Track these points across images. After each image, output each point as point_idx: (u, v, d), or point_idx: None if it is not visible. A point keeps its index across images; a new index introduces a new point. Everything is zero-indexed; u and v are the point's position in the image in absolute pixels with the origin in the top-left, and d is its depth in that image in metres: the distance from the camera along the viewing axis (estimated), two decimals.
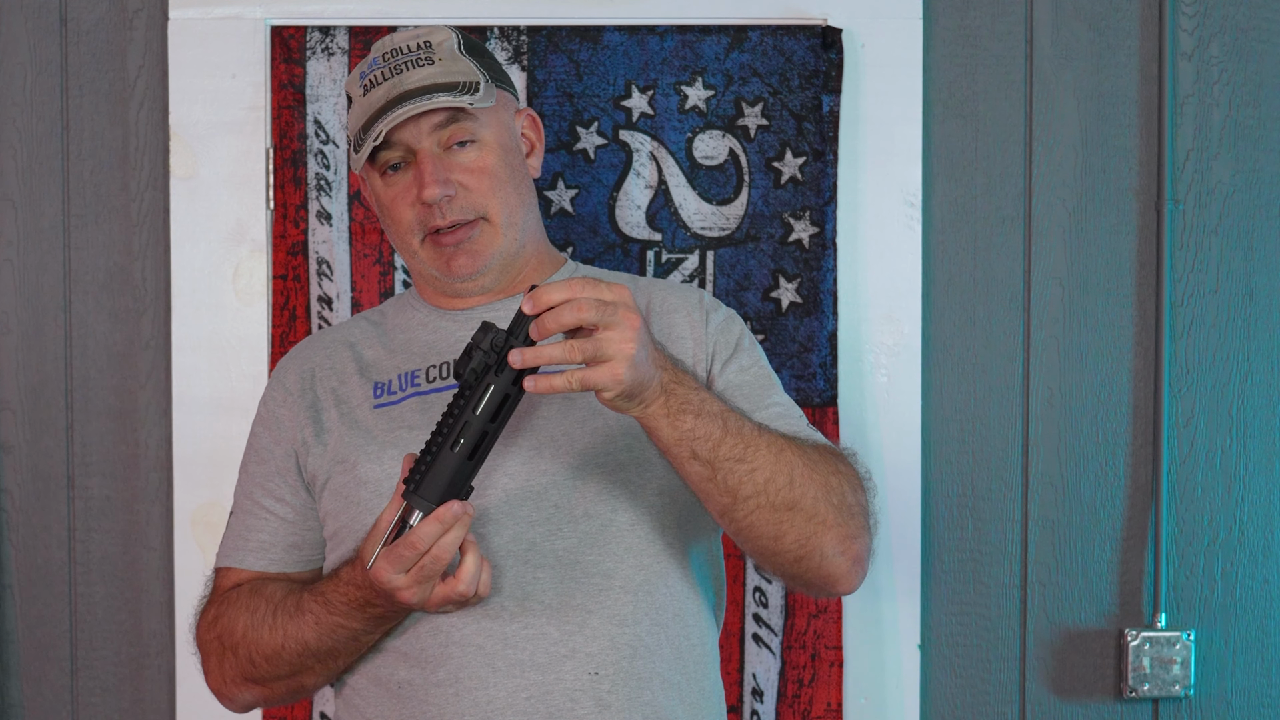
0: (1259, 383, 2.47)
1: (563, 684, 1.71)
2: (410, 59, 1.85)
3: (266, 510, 1.87)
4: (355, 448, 1.81)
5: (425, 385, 1.83)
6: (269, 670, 1.79)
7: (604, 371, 1.54)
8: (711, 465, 1.66)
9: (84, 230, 2.45)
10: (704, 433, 1.64)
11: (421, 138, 1.82)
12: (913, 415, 2.43)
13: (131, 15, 2.43)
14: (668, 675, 1.76)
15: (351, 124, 1.89)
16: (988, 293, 2.46)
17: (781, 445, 1.70)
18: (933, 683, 2.46)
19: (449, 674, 1.72)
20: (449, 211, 1.82)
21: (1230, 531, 2.46)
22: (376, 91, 1.85)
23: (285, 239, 2.42)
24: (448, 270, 1.85)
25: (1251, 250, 2.46)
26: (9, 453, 2.45)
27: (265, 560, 1.87)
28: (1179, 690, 2.43)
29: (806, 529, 1.70)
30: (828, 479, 1.72)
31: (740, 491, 1.67)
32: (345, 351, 1.91)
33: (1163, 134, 2.44)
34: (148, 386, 2.45)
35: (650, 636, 1.75)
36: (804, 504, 1.69)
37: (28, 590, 2.46)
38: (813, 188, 2.41)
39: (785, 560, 1.73)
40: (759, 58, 2.41)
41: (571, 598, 1.73)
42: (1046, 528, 2.46)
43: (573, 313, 1.54)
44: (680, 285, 1.96)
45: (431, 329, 1.89)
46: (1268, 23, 2.45)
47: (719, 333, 1.88)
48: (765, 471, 1.67)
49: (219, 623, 1.82)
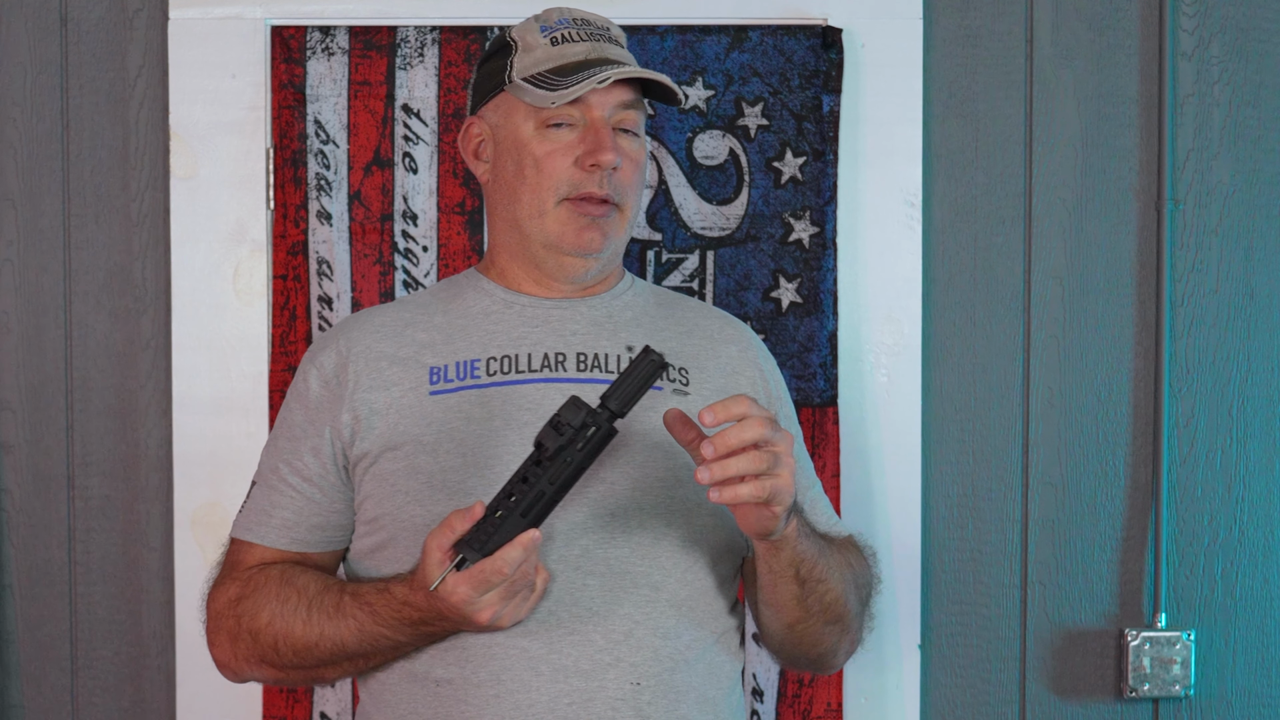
0: (1259, 383, 2.47)
1: (605, 692, 1.71)
2: (603, 35, 1.85)
3: (292, 488, 1.84)
4: (409, 435, 1.78)
5: (485, 378, 1.80)
6: (294, 660, 1.78)
7: (780, 481, 1.58)
8: (805, 585, 1.73)
9: (84, 230, 2.45)
10: (810, 554, 1.71)
11: (605, 107, 1.81)
12: (913, 415, 2.43)
13: (131, 15, 2.43)
14: (703, 690, 1.76)
15: (526, 65, 1.82)
16: (988, 293, 2.46)
17: (842, 564, 1.79)
18: (933, 683, 2.46)
19: (491, 674, 1.71)
20: (606, 184, 1.80)
21: (1230, 531, 2.47)
22: (574, 46, 1.82)
23: (285, 239, 2.42)
24: (576, 239, 1.82)
25: (1251, 250, 2.47)
26: (9, 453, 2.45)
27: (287, 538, 1.84)
28: (1179, 690, 2.43)
29: (836, 638, 1.82)
30: (861, 591, 1.83)
31: (812, 609, 1.75)
32: (397, 332, 1.87)
33: (1163, 134, 2.44)
34: (148, 386, 2.45)
35: (690, 651, 1.76)
36: (846, 618, 1.80)
37: (28, 590, 2.46)
38: (813, 188, 2.41)
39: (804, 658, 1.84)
40: (759, 58, 2.41)
41: (619, 607, 1.73)
42: (1046, 528, 2.46)
43: (754, 429, 1.56)
44: (729, 316, 1.96)
45: (495, 319, 1.86)
46: (1268, 23, 2.45)
47: (776, 385, 1.92)
48: (835, 592, 1.76)
49: (242, 604, 1.80)
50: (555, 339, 1.83)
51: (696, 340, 1.89)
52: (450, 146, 2.41)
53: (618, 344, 1.83)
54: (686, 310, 1.94)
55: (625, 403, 1.62)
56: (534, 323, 1.84)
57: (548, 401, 1.76)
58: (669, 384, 1.82)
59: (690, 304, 1.97)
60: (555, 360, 1.81)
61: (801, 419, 2.39)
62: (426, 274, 2.42)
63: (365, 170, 2.42)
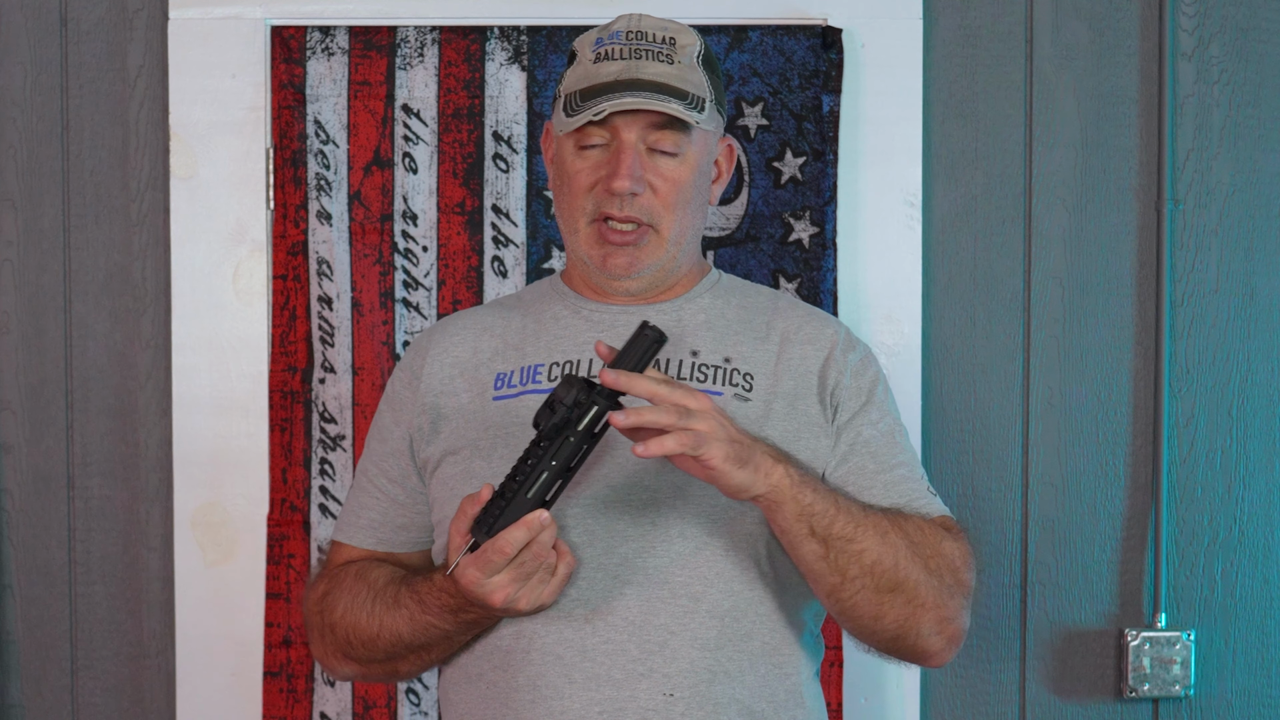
0: (1259, 383, 2.47)
1: (636, 702, 1.70)
2: (652, 49, 1.82)
3: (379, 489, 1.89)
4: (467, 440, 1.81)
5: (546, 383, 1.81)
6: (365, 653, 1.82)
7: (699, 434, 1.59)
8: (826, 543, 1.69)
9: (84, 230, 2.45)
10: (821, 508, 1.68)
11: (633, 129, 1.79)
12: (913, 415, 2.43)
13: (131, 15, 2.43)
14: (750, 703, 1.75)
15: (570, 82, 1.83)
16: (988, 293, 2.46)
17: (886, 527, 1.73)
18: (933, 683, 2.46)
19: (528, 679, 1.73)
20: (628, 206, 1.79)
21: (1230, 531, 2.47)
22: (610, 65, 1.81)
23: (285, 239, 2.42)
24: (602, 264, 1.83)
25: (1251, 250, 2.47)
26: (9, 453, 2.45)
27: (374, 539, 1.89)
28: (1179, 690, 2.43)
29: (906, 610, 1.73)
30: (930, 560, 1.75)
31: (848, 572, 1.70)
32: (478, 337, 1.89)
33: (1163, 134, 2.44)
34: (148, 386, 2.45)
35: (733, 663, 1.74)
36: (906, 586, 1.72)
37: (28, 590, 2.46)
38: (813, 188, 2.41)
39: (883, 638, 1.77)
40: (759, 58, 2.41)
41: (655, 617, 1.72)
42: (1046, 528, 2.46)
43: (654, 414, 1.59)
44: (820, 314, 1.93)
45: (564, 324, 1.87)
46: (1268, 23, 2.45)
47: (853, 377, 1.86)
48: (873, 553, 1.70)
49: (326, 599, 1.85)
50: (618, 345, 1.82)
51: (771, 344, 1.85)
52: (450, 146, 2.41)
53: (682, 349, 1.83)
54: (769, 313, 1.90)
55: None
56: (600, 328, 1.84)
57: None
58: (730, 389, 1.81)
59: (778, 304, 1.93)
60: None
61: None
62: (426, 274, 2.42)
63: (365, 170, 2.42)
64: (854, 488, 1.80)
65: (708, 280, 1.92)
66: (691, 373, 1.82)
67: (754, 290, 1.95)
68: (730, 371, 1.82)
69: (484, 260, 2.43)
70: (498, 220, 2.43)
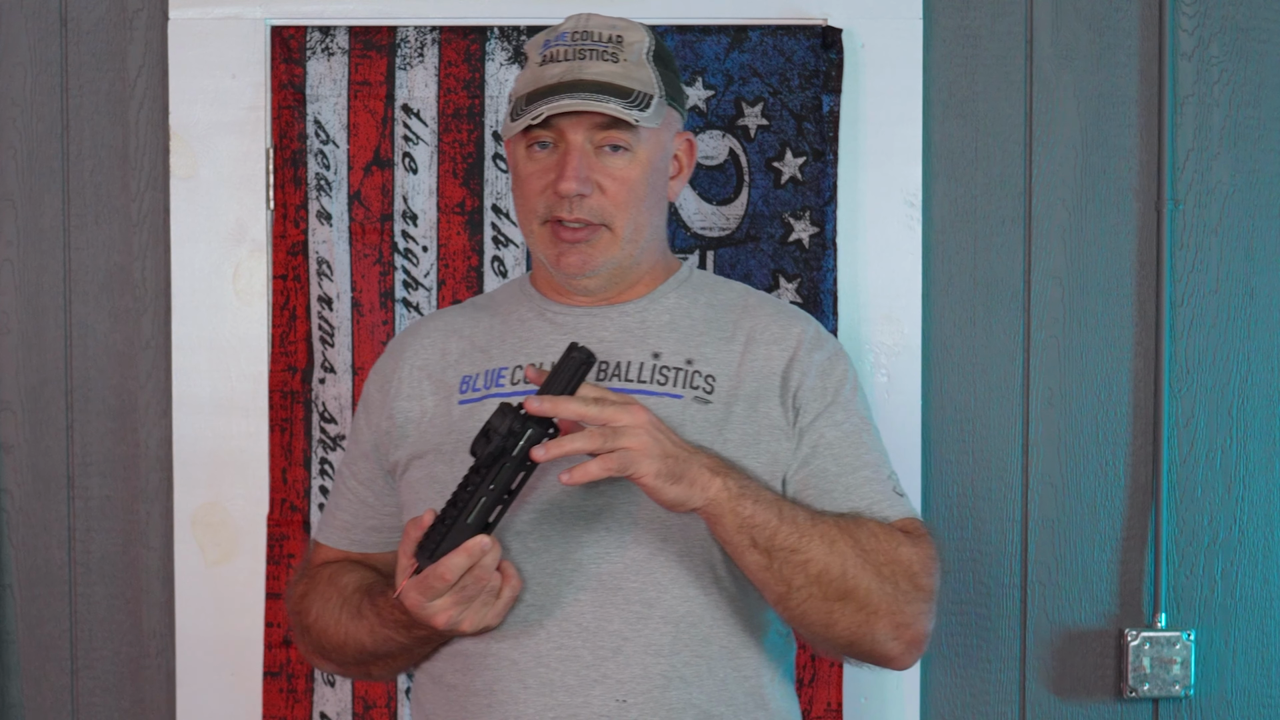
0: (1259, 383, 2.47)
1: (589, 708, 1.70)
2: (597, 49, 1.81)
3: (351, 491, 1.92)
4: (432, 444, 1.81)
5: (509, 387, 1.81)
6: (337, 656, 1.86)
7: (631, 453, 1.61)
8: (769, 554, 1.68)
9: (84, 230, 2.45)
10: (763, 519, 1.68)
11: (578, 130, 1.78)
12: (913, 415, 2.43)
13: (131, 15, 2.43)
14: (707, 708, 1.74)
15: (518, 86, 1.83)
16: (988, 293, 2.46)
17: (835, 535, 1.71)
18: (933, 683, 2.46)
19: (484, 684, 1.73)
20: (577, 209, 1.78)
21: (1230, 531, 2.46)
22: (554, 68, 1.80)
23: (285, 239, 2.42)
24: (556, 263, 1.82)
25: (1251, 250, 2.47)
26: (9, 453, 2.45)
27: (347, 540, 1.92)
28: (1179, 690, 2.43)
29: (858, 617, 1.73)
30: (883, 567, 1.73)
31: (794, 582, 1.70)
32: (446, 340, 1.89)
33: (1163, 134, 2.44)
34: (148, 386, 2.45)
35: (689, 668, 1.74)
36: (857, 594, 1.71)
37: (28, 590, 2.46)
38: (813, 188, 2.41)
39: (837, 644, 1.76)
40: (759, 58, 2.41)
41: (609, 623, 1.72)
42: (1046, 528, 2.46)
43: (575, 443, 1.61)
44: (790, 312, 1.90)
45: (529, 327, 1.86)
46: (1268, 23, 2.45)
47: (818, 376, 1.83)
48: (819, 563, 1.70)
49: (304, 600, 1.88)
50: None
51: (735, 345, 1.84)
52: (450, 146, 2.41)
53: (644, 351, 1.82)
54: (735, 310, 1.88)
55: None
56: (562, 330, 1.84)
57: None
58: (690, 391, 1.80)
59: (747, 302, 1.90)
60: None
61: None
62: (426, 274, 2.42)
63: (365, 170, 2.42)
64: (815, 491, 1.78)
65: (676, 278, 1.90)
66: (652, 375, 1.80)
67: (724, 287, 1.93)
68: (692, 374, 1.80)
69: (484, 260, 2.43)
70: (498, 220, 2.43)
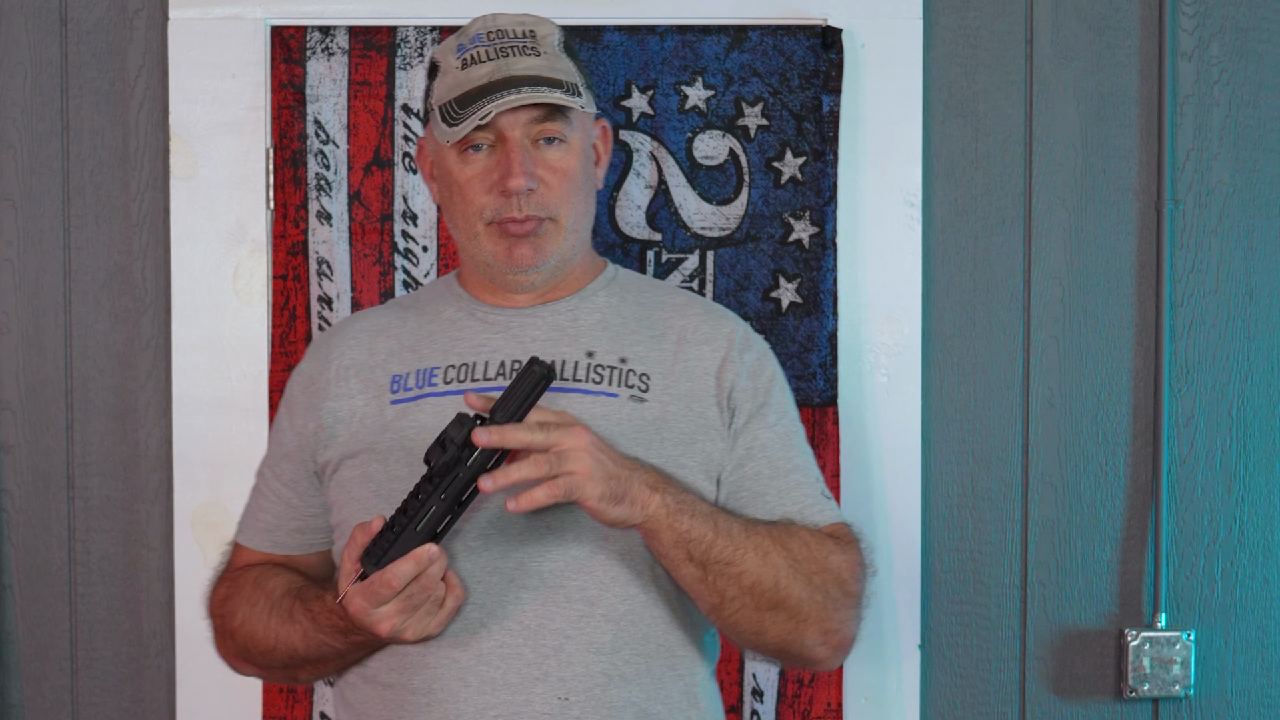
0: (1259, 383, 2.47)
1: (531, 706, 1.71)
2: (516, 45, 1.82)
3: (274, 492, 1.91)
4: (365, 444, 1.81)
5: (442, 386, 1.81)
6: (263, 660, 1.84)
7: (574, 478, 1.62)
8: (704, 567, 1.71)
9: (84, 230, 2.45)
10: (699, 534, 1.70)
11: (516, 126, 1.79)
12: (913, 415, 2.43)
13: (131, 15, 2.43)
14: (645, 705, 1.75)
15: (440, 93, 1.83)
16: (988, 293, 2.46)
17: (768, 547, 1.74)
18: (933, 683, 2.46)
19: (424, 683, 1.73)
20: (526, 205, 1.79)
21: (1230, 531, 2.47)
22: (479, 69, 1.81)
23: (285, 239, 2.42)
24: (508, 259, 1.82)
25: (1251, 250, 2.47)
26: (9, 453, 2.45)
27: (269, 542, 1.91)
28: (1179, 690, 2.43)
29: (788, 625, 1.76)
30: (814, 576, 1.76)
31: (727, 593, 1.73)
32: (373, 339, 1.89)
33: (1163, 134, 2.44)
34: (148, 386, 2.45)
35: (629, 666, 1.75)
36: (788, 604, 1.75)
37: (28, 590, 2.46)
38: (813, 188, 2.41)
39: (766, 650, 1.80)
40: (759, 58, 2.41)
41: (551, 621, 1.73)
42: (1046, 528, 2.46)
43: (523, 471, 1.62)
44: (719, 312, 1.93)
45: (459, 327, 1.87)
46: (1268, 23, 2.45)
47: (750, 378, 1.86)
48: (752, 575, 1.73)
49: (227, 603, 1.87)
50: (514, 346, 1.83)
51: (667, 343, 1.86)
52: None
53: (578, 350, 1.83)
54: (666, 310, 1.90)
55: (510, 416, 1.63)
56: (495, 330, 1.84)
57: None
58: (626, 390, 1.81)
59: (675, 301, 1.93)
60: (512, 369, 1.81)
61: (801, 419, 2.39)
62: (426, 274, 2.42)
63: (365, 170, 2.42)
64: (749, 494, 1.81)
65: (604, 277, 1.91)
66: (587, 374, 1.81)
67: (650, 286, 1.95)
68: (626, 372, 1.82)
69: None
70: None
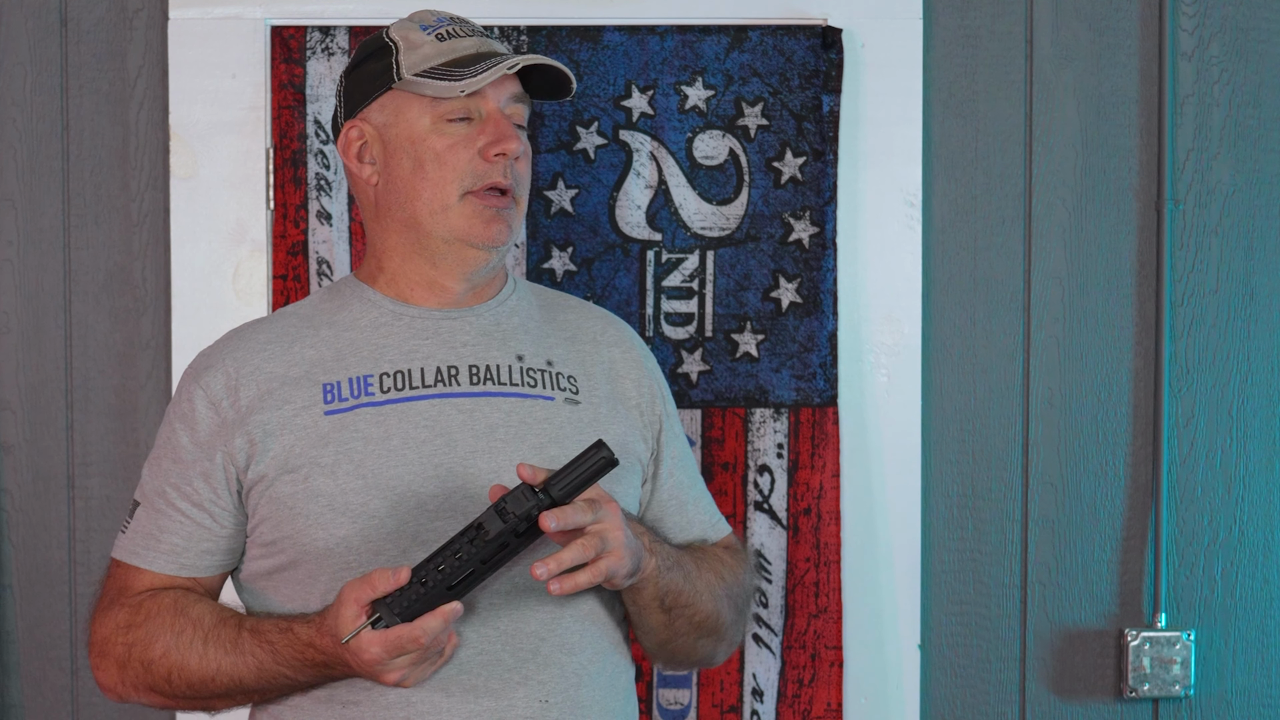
0: (1259, 383, 2.47)
1: (515, 711, 1.70)
2: (485, 31, 1.85)
3: (181, 513, 1.78)
4: (305, 457, 1.74)
5: (380, 395, 1.76)
6: (187, 691, 1.75)
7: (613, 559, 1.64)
8: (670, 612, 1.77)
9: (84, 230, 2.45)
10: (675, 585, 1.76)
11: (501, 98, 1.79)
12: (913, 415, 2.43)
13: (131, 15, 2.43)
14: (607, 703, 1.77)
15: (414, 63, 1.79)
16: (988, 293, 2.46)
17: (712, 581, 1.82)
18: (933, 683, 2.46)
19: (400, 696, 1.69)
20: (509, 174, 1.78)
21: (1230, 531, 2.46)
22: (462, 41, 1.80)
23: (285, 239, 2.42)
24: (485, 232, 1.78)
25: (1251, 250, 2.47)
26: (9, 453, 2.45)
27: (176, 564, 1.78)
28: (1179, 690, 2.43)
29: (712, 645, 1.86)
30: (737, 599, 1.86)
31: (680, 630, 1.80)
32: (284, 349, 1.81)
33: (1163, 134, 2.44)
34: (148, 386, 2.45)
35: (593, 665, 1.76)
36: (719, 629, 1.84)
37: (28, 590, 2.46)
38: (813, 188, 2.41)
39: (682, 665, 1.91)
40: (759, 58, 2.41)
41: (526, 624, 1.72)
42: (1046, 528, 2.46)
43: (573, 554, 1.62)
44: (607, 313, 1.95)
45: (385, 331, 1.81)
46: (1268, 23, 2.45)
47: (659, 384, 1.92)
48: (703, 612, 1.80)
49: (133, 631, 1.76)
50: (446, 351, 1.80)
51: (582, 345, 1.86)
52: None
53: (508, 354, 1.81)
54: (569, 313, 1.91)
55: (571, 493, 1.61)
56: (424, 335, 1.80)
57: (444, 418, 1.74)
58: (560, 393, 1.80)
59: (571, 304, 1.93)
60: (449, 374, 1.78)
61: (801, 419, 2.39)
62: None
63: None
64: (676, 502, 1.89)
65: (510, 283, 1.90)
66: (522, 377, 1.79)
67: (545, 291, 1.96)
68: (555, 375, 1.82)
69: None
70: None
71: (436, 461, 1.73)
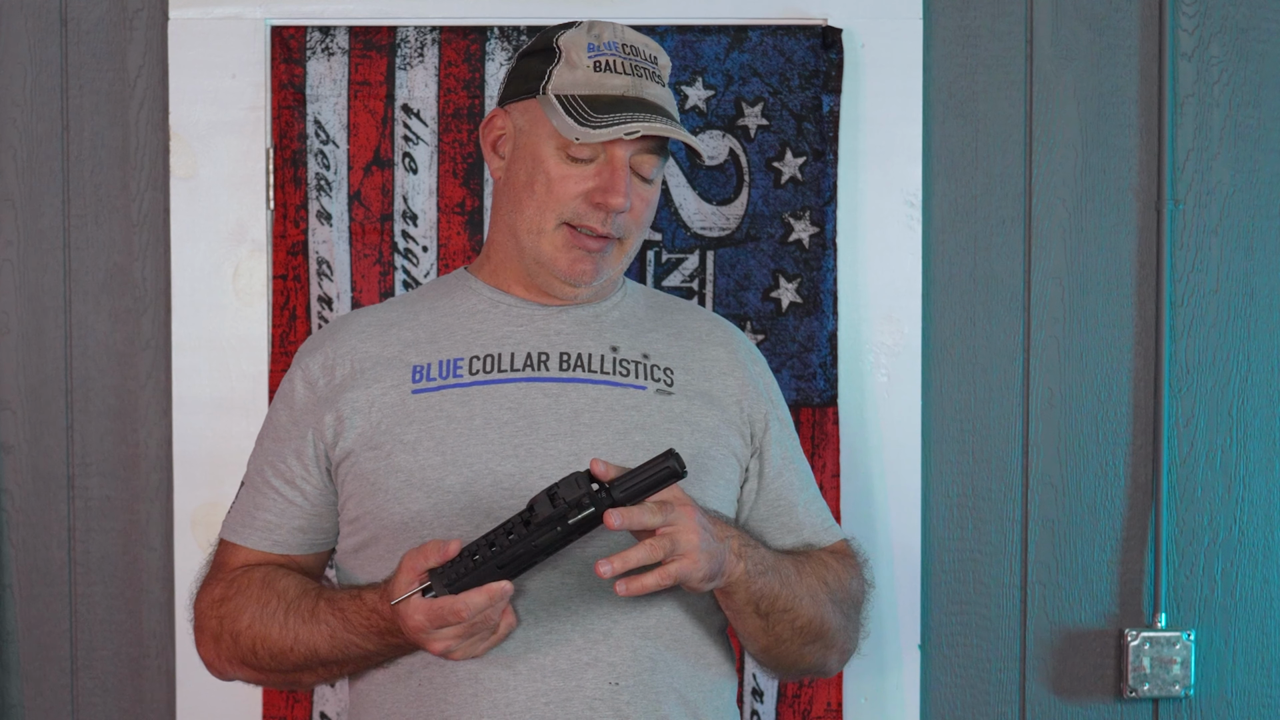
0: (1259, 383, 2.47)
1: (583, 692, 1.71)
2: (647, 68, 1.83)
3: (275, 490, 1.85)
4: (390, 434, 1.78)
5: (467, 377, 1.80)
6: (271, 664, 1.80)
7: (685, 563, 1.63)
8: (767, 618, 1.77)
9: (84, 230, 2.45)
10: (770, 590, 1.75)
11: (630, 147, 1.79)
12: (913, 415, 2.44)
13: (131, 15, 2.43)
14: (684, 691, 1.77)
15: (564, 83, 1.80)
16: (988, 293, 2.46)
17: (815, 586, 1.81)
18: (933, 683, 2.46)
19: (469, 673, 1.72)
20: (610, 224, 1.79)
21: (1230, 531, 2.47)
22: (614, 79, 1.80)
23: (285, 239, 2.42)
24: (569, 268, 1.81)
25: (1251, 250, 2.47)
26: (9, 453, 2.45)
27: (269, 541, 1.85)
28: (1179, 690, 2.43)
29: (821, 653, 1.85)
30: (843, 604, 1.85)
31: (782, 635, 1.79)
32: (382, 331, 1.87)
33: (1163, 134, 2.44)
34: (148, 386, 2.45)
35: (669, 651, 1.76)
36: (825, 635, 1.83)
37: (28, 590, 2.46)
38: (813, 188, 2.41)
39: (792, 673, 1.90)
40: (759, 58, 2.41)
41: (598, 606, 1.73)
42: (1046, 528, 2.46)
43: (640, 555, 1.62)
44: (716, 316, 1.97)
45: (481, 318, 1.85)
46: (1268, 23, 2.45)
47: (766, 386, 1.92)
48: (805, 617, 1.80)
49: (225, 605, 1.82)
50: (539, 338, 1.83)
51: (685, 342, 1.89)
52: (450, 146, 2.41)
53: (602, 344, 1.84)
54: (677, 313, 1.94)
55: (631, 497, 1.61)
56: (518, 322, 1.84)
57: (529, 401, 1.77)
58: (653, 383, 1.82)
59: (682, 306, 1.97)
60: (538, 360, 1.81)
61: (801, 419, 2.39)
62: (426, 274, 2.42)
63: (365, 170, 2.42)
64: (785, 503, 1.88)
65: (620, 291, 1.92)
66: (614, 367, 1.82)
67: (657, 294, 1.99)
68: (650, 366, 1.84)
69: None
70: None
71: (517, 442, 1.76)
